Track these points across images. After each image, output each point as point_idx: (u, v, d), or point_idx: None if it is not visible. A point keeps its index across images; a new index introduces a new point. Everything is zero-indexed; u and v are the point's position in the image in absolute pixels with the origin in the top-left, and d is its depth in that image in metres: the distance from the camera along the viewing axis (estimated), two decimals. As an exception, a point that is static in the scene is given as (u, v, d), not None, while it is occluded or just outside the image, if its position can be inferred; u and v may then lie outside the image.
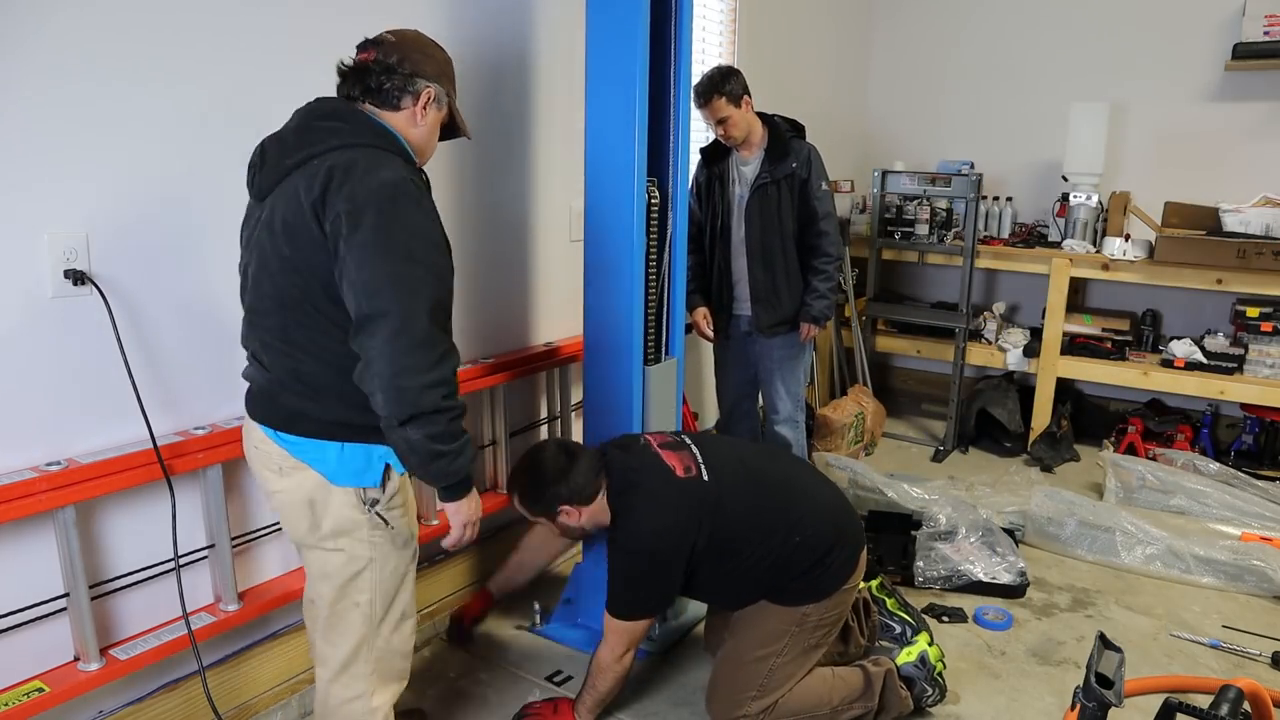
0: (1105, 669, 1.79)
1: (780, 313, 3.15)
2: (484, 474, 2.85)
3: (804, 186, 3.09)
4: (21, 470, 1.72)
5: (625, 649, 2.11)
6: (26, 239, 1.70)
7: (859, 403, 4.29)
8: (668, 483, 2.09)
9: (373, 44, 1.64)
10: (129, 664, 1.88)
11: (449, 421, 1.51)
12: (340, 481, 1.62)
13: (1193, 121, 4.30)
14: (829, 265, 3.17)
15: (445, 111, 1.71)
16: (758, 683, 2.13)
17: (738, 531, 2.10)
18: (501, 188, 2.76)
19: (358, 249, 1.46)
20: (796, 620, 2.14)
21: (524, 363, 2.81)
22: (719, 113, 2.98)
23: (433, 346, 1.49)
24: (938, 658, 2.34)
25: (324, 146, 1.52)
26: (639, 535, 2.06)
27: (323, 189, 1.48)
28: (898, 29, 5.03)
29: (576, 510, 2.10)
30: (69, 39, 1.70)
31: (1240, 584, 3.01)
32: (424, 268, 1.50)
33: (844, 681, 2.23)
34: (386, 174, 1.49)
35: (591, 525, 2.14)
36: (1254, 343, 3.87)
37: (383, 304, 1.45)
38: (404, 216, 1.49)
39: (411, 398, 1.46)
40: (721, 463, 2.16)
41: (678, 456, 2.14)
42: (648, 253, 2.47)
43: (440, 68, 1.69)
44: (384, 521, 1.66)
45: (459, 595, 2.77)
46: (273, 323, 1.58)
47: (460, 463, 1.56)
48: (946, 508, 3.20)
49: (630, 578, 2.09)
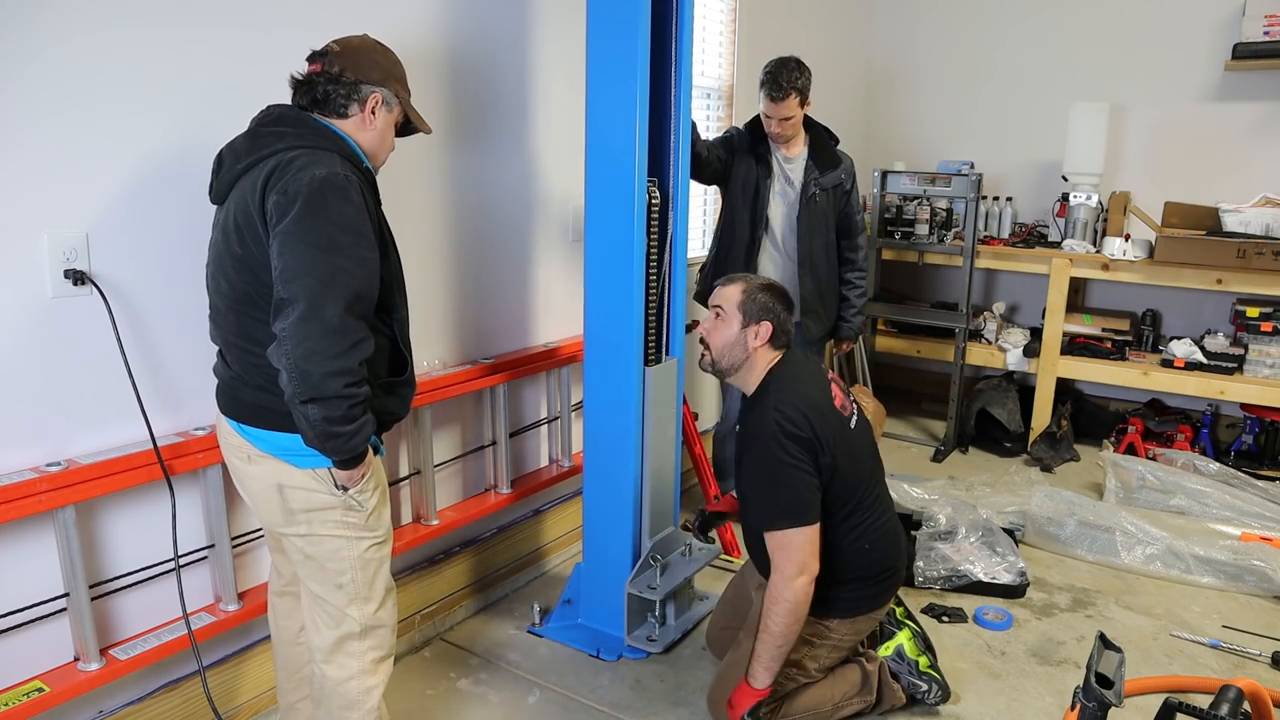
0: (1105, 669, 1.79)
1: (827, 323, 3.15)
2: (483, 475, 2.85)
3: (847, 199, 3.09)
4: (22, 470, 1.72)
5: (796, 571, 1.99)
6: (26, 239, 1.70)
7: (859, 403, 4.28)
8: (827, 399, 2.13)
9: (319, 56, 1.70)
10: (129, 664, 1.88)
11: (349, 407, 1.56)
12: (304, 464, 1.67)
13: (1193, 121, 4.30)
14: (863, 280, 3.22)
15: (398, 111, 1.76)
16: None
17: (843, 490, 2.10)
18: (501, 188, 2.76)
19: (281, 236, 1.52)
20: (820, 633, 2.17)
21: (524, 363, 2.81)
22: (788, 110, 2.89)
23: (342, 335, 1.53)
24: (917, 652, 2.35)
25: (269, 150, 1.59)
26: (788, 415, 2.02)
27: (263, 187, 1.55)
28: (898, 29, 5.03)
29: (766, 336, 2.12)
30: (69, 39, 1.70)
31: (1240, 584, 3.01)
32: (346, 258, 1.55)
33: (844, 678, 2.26)
34: (319, 170, 1.55)
35: (744, 360, 2.14)
36: (1254, 343, 3.87)
37: (297, 289, 1.51)
38: (329, 208, 1.54)
39: (314, 381, 1.51)
40: (864, 431, 2.23)
41: (843, 397, 2.21)
42: (648, 253, 2.47)
43: (386, 71, 1.74)
44: (356, 503, 1.72)
45: (458, 595, 2.77)
46: (232, 320, 1.65)
47: (355, 442, 1.60)
48: (946, 508, 3.20)
49: (776, 476, 2.02)
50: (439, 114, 2.49)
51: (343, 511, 1.71)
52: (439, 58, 2.48)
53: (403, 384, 1.79)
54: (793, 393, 2.08)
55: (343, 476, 1.67)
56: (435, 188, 2.54)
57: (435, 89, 2.48)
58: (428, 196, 2.52)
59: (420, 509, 2.60)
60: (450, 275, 2.63)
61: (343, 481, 1.68)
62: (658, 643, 2.57)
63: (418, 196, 2.49)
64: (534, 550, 3.06)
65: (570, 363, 2.97)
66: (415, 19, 2.40)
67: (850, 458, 2.10)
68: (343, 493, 1.69)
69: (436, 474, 2.62)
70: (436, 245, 2.58)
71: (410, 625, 2.59)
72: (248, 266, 1.59)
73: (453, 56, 2.52)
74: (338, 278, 1.53)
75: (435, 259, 2.57)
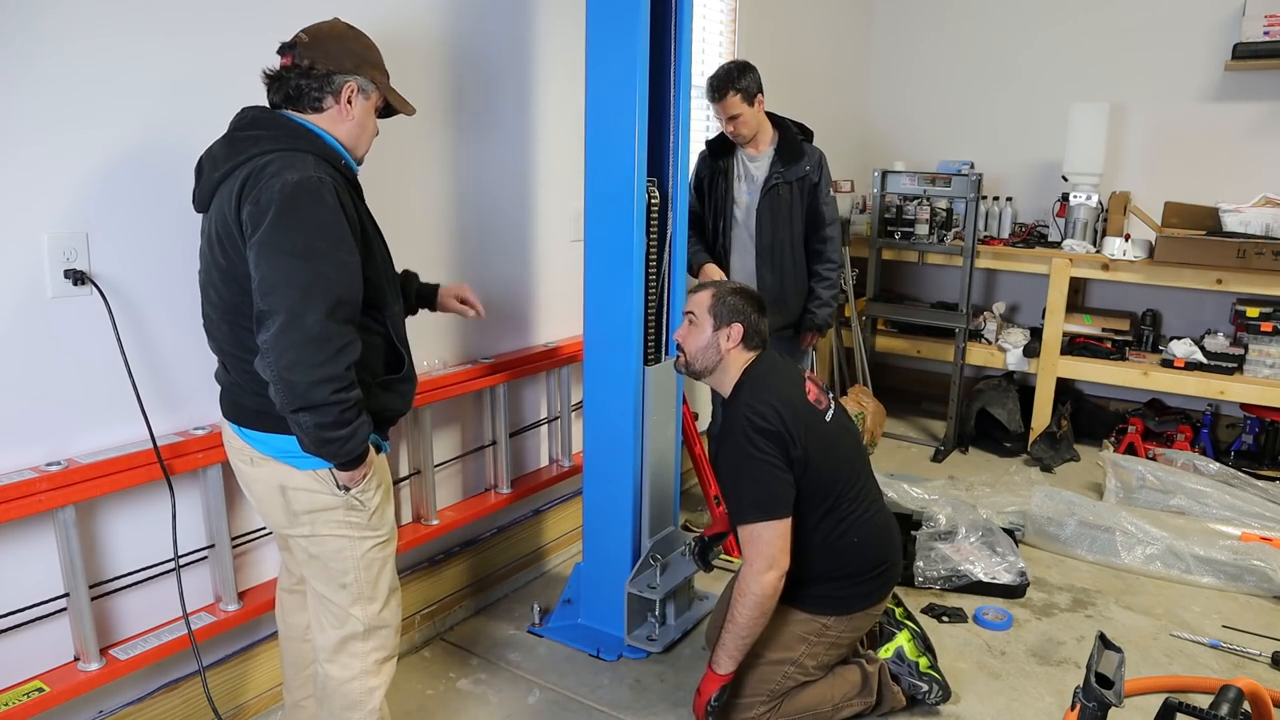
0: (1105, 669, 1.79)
1: (787, 316, 3.14)
2: (483, 475, 2.85)
3: (814, 190, 3.09)
4: (22, 470, 1.72)
5: (766, 565, 2.01)
6: (26, 239, 1.70)
7: (859, 403, 4.28)
8: (801, 395, 2.15)
9: (289, 48, 1.65)
10: (129, 664, 1.88)
11: (340, 413, 1.55)
12: (305, 465, 1.66)
13: (1193, 121, 4.30)
14: (832, 272, 3.17)
15: (376, 97, 1.72)
16: (769, 687, 2.16)
17: (819, 483, 2.10)
18: (501, 187, 2.76)
19: (256, 248, 1.51)
20: (816, 631, 2.17)
21: (524, 363, 2.81)
22: (731, 109, 2.94)
23: (325, 342, 1.51)
24: (917, 654, 2.35)
25: (245, 156, 1.57)
26: (760, 412, 2.05)
27: (238, 196, 1.53)
28: (898, 29, 5.03)
29: (738, 337, 2.14)
30: (69, 39, 1.70)
31: (1240, 584, 3.01)
32: (324, 263, 1.52)
33: (844, 679, 2.27)
34: (290, 175, 1.52)
35: (718, 362, 2.16)
36: (1254, 343, 3.87)
37: (275, 300, 1.50)
38: (302, 214, 1.51)
39: (300, 391, 1.51)
40: (841, 422, 2.24)
41: (817, 391, 2.22)
42: (648, 253, 2.47)
43: (360, 57, 1.68)
44: (359, 503, 1.72)
45: (458, 595, 2.77)
46: (225, 330, 1.65)
47: (351, 445, 1.60)
48: (946, 508, 3.20)
49: (749, 470, 2.04)
50: (439, 114, 2.49)
51: (345, 511, 1.71)
52: (439, 57, 2.48)
53: (401, 380, 1.78)
54: (764, 389, 2.11)
55: (344, 477, 1.67)
56: (435, 188, 2.54)
57: (436, 89, 2.47)
58: (428, 197, 2.52)
59: (420, 509, 2.60)
60: (451, 275, 2.62)
61: (344, 482, 1.68)
62: (658, 642, 2.57)
63: (418, 197, 2.49)
64: (534, 550, 3.06)
65: (570, 363, 2.97)
66: (416, 18, 2.40)
67: (825, 450, 2.10)
68: (344, 493, 1.69)
69: (437, 474, 2.62)
70: (437, 245, 2.58)
71: (410, 625, 2.59)
72: (232, 278, 1.58)
73: (453, 56, 2.52)
74: (316, 284, 1.50)
75: (435, 259, 2.57)
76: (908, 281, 5.03)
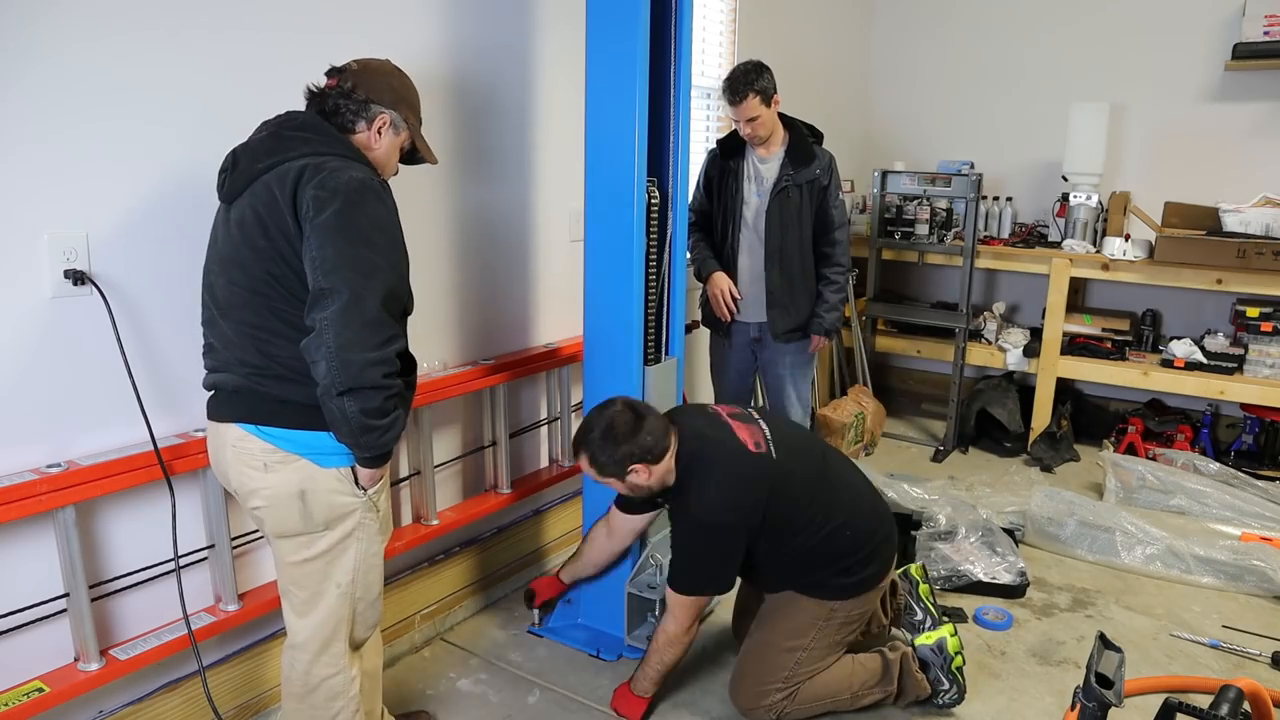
0: (1105, 669, 1.79)
1: (796, 319, 3.14)
2: (483, 475, 2.85)
3: (824, 194, 3.09)
4: (22, 471, 1.72)
5: (691, 622, 2.17)
6: (26, 239, 1.70)
7: (859, 403, 4.29)
8: (742, 457, 2.12)
9: (337, 71, 1.74)
10: (129, 664, 1.88)
11: (384, 399, 1.58)
12: (329, 463, 1.67)
13: (1192, 121, 4.29)
14: (840, 276, 3.17)
15: (404, 136, 1.79)
16: (783, 673, 2.19)
17: (795, 512, 2.13)
18: (501, 188, 2.76)
19: (320, 229, 1.54)
20: (825, 615, 2.20)
21: (524, 363, 2.81)
22: (750, 111, 2.92)
23: (381, 327, 1.56)
24: (956, 649, 2.34)
25: (295, 153, 1.61)
26: (713, 507, 2.07)
27: (295, 183, 1.57)
28: (898, 29, 5.03)
29: (647, 469, 2.09)
30: (69, 39, 1.70)
31: (1240, 584, 3.01)
32: (381, 255, 1.59)
33: (864, 667, 2.29)
34: (356, 173, 1.60)
35: (659, 485, 2.14)
36: (1254, 343, 3.87)
37: (338, 280, 1.53)
38: (368, 208, 1.58)
39: (354, 370, 1.53)
40: (787, 442, 2.21)
41: (748, 430, 2.18)
42: (648, 253, 2.47)
43: (398, 95, 1.76)
44: (374, 505, 1.74)
45: (458, 595, 2.77)
46: (247, 314, 1.64)
47: (389, 437, 1.63)
48: (946, 508, 3.20)
49: (697, 553, 2.12)
50: (440, 114, 2.49)
51: (362, 513, 1.73)
52: (440, 58, 2.48)
53: (411, 384, 1.80)
54: (705, 475, 2.09)
55: (366, 477, 1.69)
56: (436, 188, 2.54)
57: (436, 89, 2.47)
58: (428, 197, 2.52)
59: (420, 509, 2.60)
60: (451, 276, 2.63)
61: (365, 482, 1.70)
62: (658, 643, 2.57)
63: (418, 197, 2.49)
64: (534, 550, 3.06)
65: (570, 363, 2.97)
66: (417, 27, 2.40)
67: (783, 487, 2.12)
68: (364, 494, 1.71)
69: (437, 474, 2.62)
70: (437, 246, 2.58)
71: (410, 625, 2.60)
72: (270, 257, 1.59)
73: (453, 57, 2.52)
74: (378, 273, 1.56)
75: (436, 260, 2.57)
76: (908, 281, 5.03)
